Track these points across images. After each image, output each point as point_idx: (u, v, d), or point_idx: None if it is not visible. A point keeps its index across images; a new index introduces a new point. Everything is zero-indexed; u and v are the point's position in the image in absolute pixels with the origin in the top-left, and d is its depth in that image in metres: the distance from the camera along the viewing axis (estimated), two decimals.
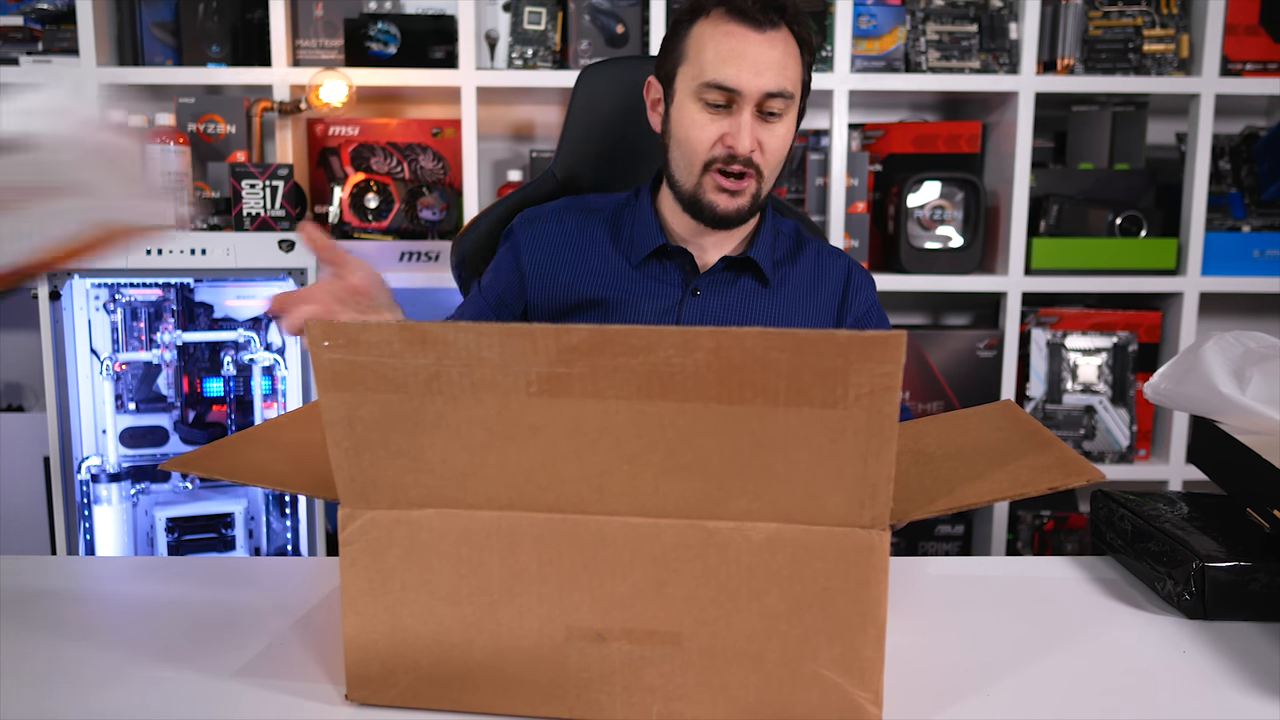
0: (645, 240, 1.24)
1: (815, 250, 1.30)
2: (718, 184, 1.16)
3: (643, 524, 0.64)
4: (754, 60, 1.12)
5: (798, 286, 1.27)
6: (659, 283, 1.24)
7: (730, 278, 1.25)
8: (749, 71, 1.12)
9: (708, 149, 1.16)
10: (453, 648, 0.68)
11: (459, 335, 0.61)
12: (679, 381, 0.60)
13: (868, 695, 0.65)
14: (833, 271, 1.29)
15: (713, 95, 1.14)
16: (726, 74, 1.12)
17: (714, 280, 1.24)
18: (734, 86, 1.12)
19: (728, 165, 1.15)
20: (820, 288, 1.28)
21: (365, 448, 0.65)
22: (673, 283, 1.24)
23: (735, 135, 1.14)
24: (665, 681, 0.66)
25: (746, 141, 1.13)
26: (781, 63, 1.13)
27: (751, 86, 1.12)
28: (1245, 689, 0.73)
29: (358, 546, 0.67)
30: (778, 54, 1.13)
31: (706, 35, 1.15)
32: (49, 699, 0.71)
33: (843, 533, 0.63)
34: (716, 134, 1.15)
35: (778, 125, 1.16)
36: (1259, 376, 0.94)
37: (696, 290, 1.24)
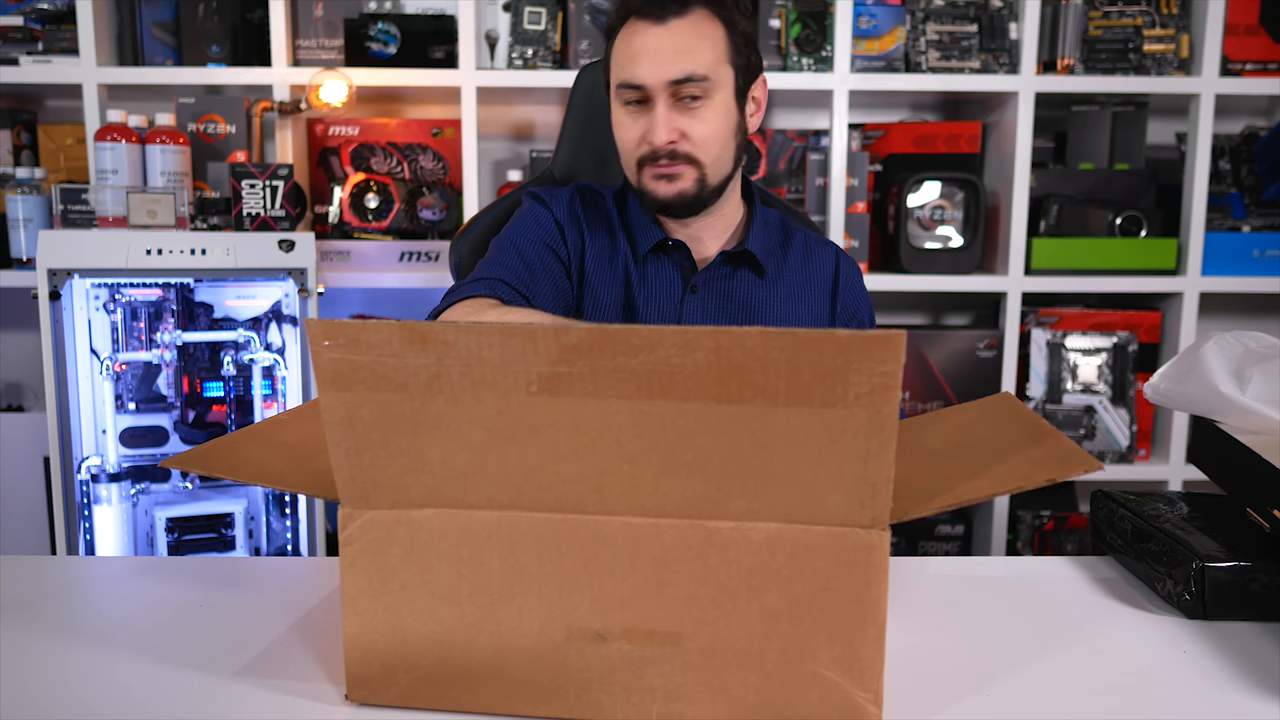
0: (646, 236, 1.25)
1: (804, 240, 1.31)
2: (653, 173, 1.18)
3: (643, 524, 0.64)
4: (654, 52, 1.13)
5: (792, 277, 1.28)
6: (664, 276, 1.25)
7: (728, 272, 1.25)
8: (649, 64, 1.13)
9: (635, 148, 1.18)
10: (453, 648, 0.68)
11: (459, 335, 0.61)
12: (679, 381, 0.60)
13: (868, 695, 0.65)
14: (823, 262, 1.30)
15: (626, 94, 1.16)
16: (630, 71, 1.15)
17: (712, 276, 1.25)
18: (637, 81, 1.14)
19: (654, 160, 1.17)
20: (813, 279, 1.29)
21: (365, 447, 0.65)
22: (675, 277, 1.25)
23: (651, 130, 1.15)
24: (665, 681, 0.66)
25: (660, 134, 1.14)
26: (686, 47, 1.13)
27: (653, 78, 1.14)
28: (1245, 689, 0.73)
29: (358, 546, 0.67)
30: (682, 40, 1.13)
31: (620, 42, 1.18)
32: (49, 699, 0.71)
33: (843, 532, 0.63)
34: (639, 133, 1.17)
35: (702, 110, 1.16)
36: (1259, 376, 0.94)
37: (695, 287, 1.24)
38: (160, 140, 2.07)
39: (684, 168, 1.17)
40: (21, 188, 2.12)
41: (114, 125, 2.06)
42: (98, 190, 2.00)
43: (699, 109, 1.15)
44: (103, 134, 2.05)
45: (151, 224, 1.94)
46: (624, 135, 1.19)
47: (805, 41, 2.23)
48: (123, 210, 1.97)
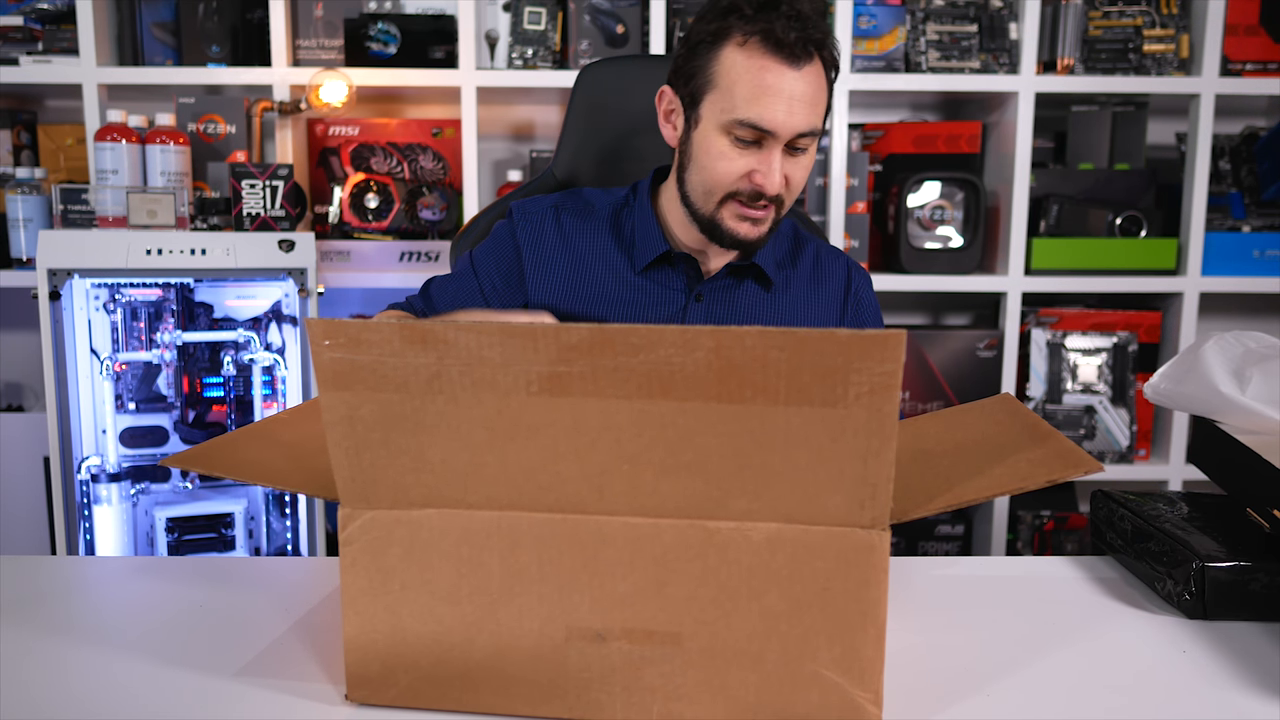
0: (648, 247, 1.22)
1: (814, 251, 1.28)
2: (740, 213, 1.14)
3: (643, 524, 0.64)
4: (789, 99, 1.08)
5: (799, 289, 1.26)
6: (663, 289, 1.23)
7: (733, 283, 1.24)
8: (784, 112, 1.08)
9: (733, 182, 1.13)
10: (453, 648, 0.67)
11: (460, 335, 0.61)
12: (679, 381, 0.60)
13: (868, 695, 0.64)
14: (833, 273, 1.28)
15: (744, 133, 1.10)
16: (761, 115, 1.08)
17: (717, 286, 1.23)
18: (769, 129, 1.08)
19: (752, 200, 1.12)
20: (822, 290, 1.27)
21: (366, 447, 0.65)
22: (676, 289, 1.23)
23: (765, 175, 1.10)
24: (665, 681, 0.66)
25: (776, 181, 1.11)
26: (815, 99, 1.10)
27: (786, 128, 1.09)
28: (1245, 689, 0.73)
29: (358, 546, 0.67)
30: (812, 90, 1.09)
31: (740, 67, 1.09)
32: (49, 699, 0.71)
33: (843, 533, 0.63)
34: (744, 169, 1.12)
35: (803, 158, 1.13)
36: (1259, 376, 0.94)
37: (700, 296, 1.22)
38: (160, 140, 2.07)
39: (770, 210, 1.14)
40: (21, 188, 2.12)
41: (114, 125, 2.06)
42: (98, 190, 2.00)
43: (801, 157, 1.13)
44: (103, 134, 2.05)
45: (151, 224, 1.94)
46: (725, 166, 1.12)
47: None
48: (123, 210, 1.97)
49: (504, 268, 1.25)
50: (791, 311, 1.25)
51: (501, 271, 1.25)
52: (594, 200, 1.28)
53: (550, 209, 1.26)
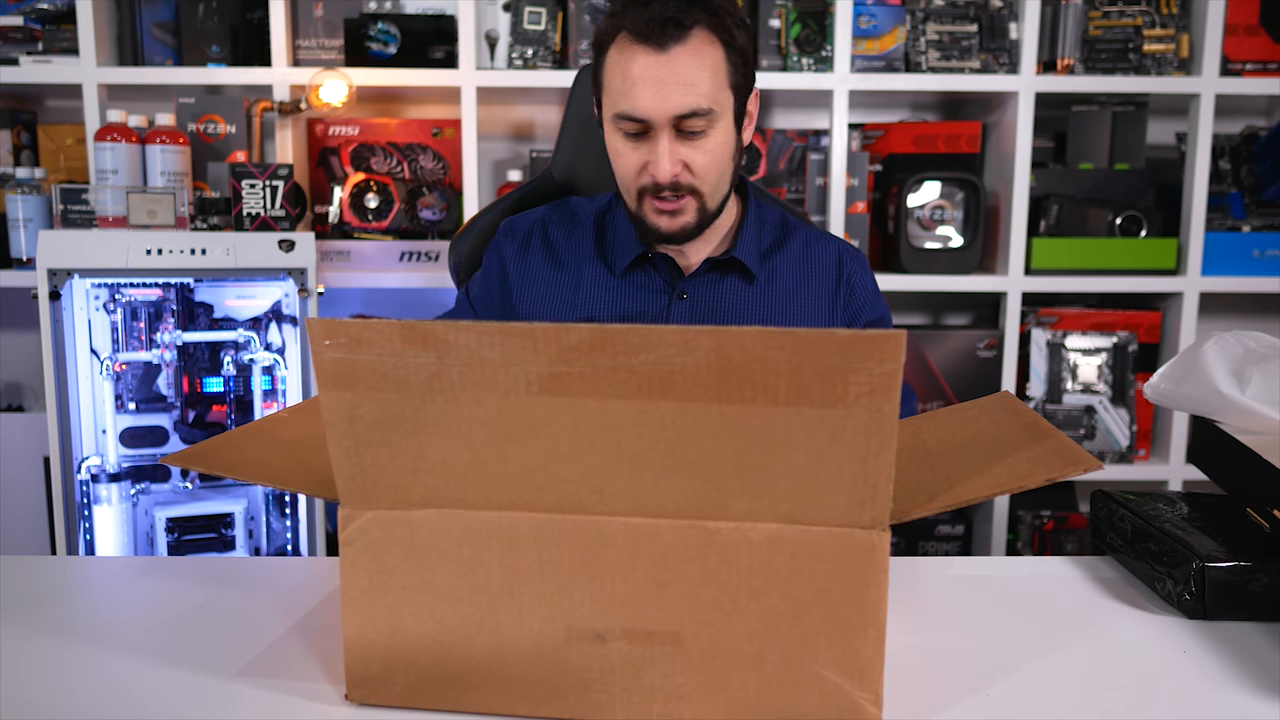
0: (626, 250, 1.22)
1: (803, 239, 1.27)
2: (656, 207, 1.14)
3: (643, 524, 0.64)
4: (656, 84, 1.08)
5: (786, 280, 1.25)
6: (644, 290, 1.23)
7: (716, 278, 1.23)
8: (652, 97, 1.08)
9: (635, 178, 1.14)
10: (452, 648, 0.67)
11: (460, 334, 0.61)
12: (679, 381, 0.60)
13: (868, 696, 0.64)
14: (822, 261, 1.26)
15: (626, 125, 1.11)
16: (631, 104, 1.09)
17: (700, 282, 1.22)
18: (640, 115, 1.09)
19: (657, 192, 1.13)
20: (810, 279, 1.25)
21: (366, 447, 0.65)
22: (657, 289, 1.23)
23: (654, 163, 1.11)
24: (665, 681, 0.66)
25: (666, 168, 1.10)
26: (690, 79, 1.08)
27: (657, 112, 1.09)
28: (1245, 689, 0.73)
29: (358, 546, 0.67)
30: (684, 69, 1.08)
31: (614, 63, 1.11)
32: (49, 699, 0.71)
33: (843, 533, 0.63)
34: (639, 163, 1.13)
35: (704, 141, 1.11)
36: (1259, 376, 0.94)
37: (683, 294, 1.22)
38: (160, 140, 2.07)
39: (686, 200, 1.14)
40: (21, 188, 2.12)
41: (114, 125, 2.06)
42: (98, 190, 2.00)
43: (701, 141, 1.12)
44: (103, 134, 2.05)
45: (151, 224, 1.94)
46: (623, 164, 1.15)
47: (805, 41, 2.23)
48: (123, 210, 1.97)
49: (495, 291, 1.27)
50: (778, 303, 1.24)
51: (492, 295, 1.27)
52: (579, 210, 1.29)
53: (537, 222, 1.28)
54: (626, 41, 1.10)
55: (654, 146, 1.11)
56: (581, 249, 1.25)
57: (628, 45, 1.10)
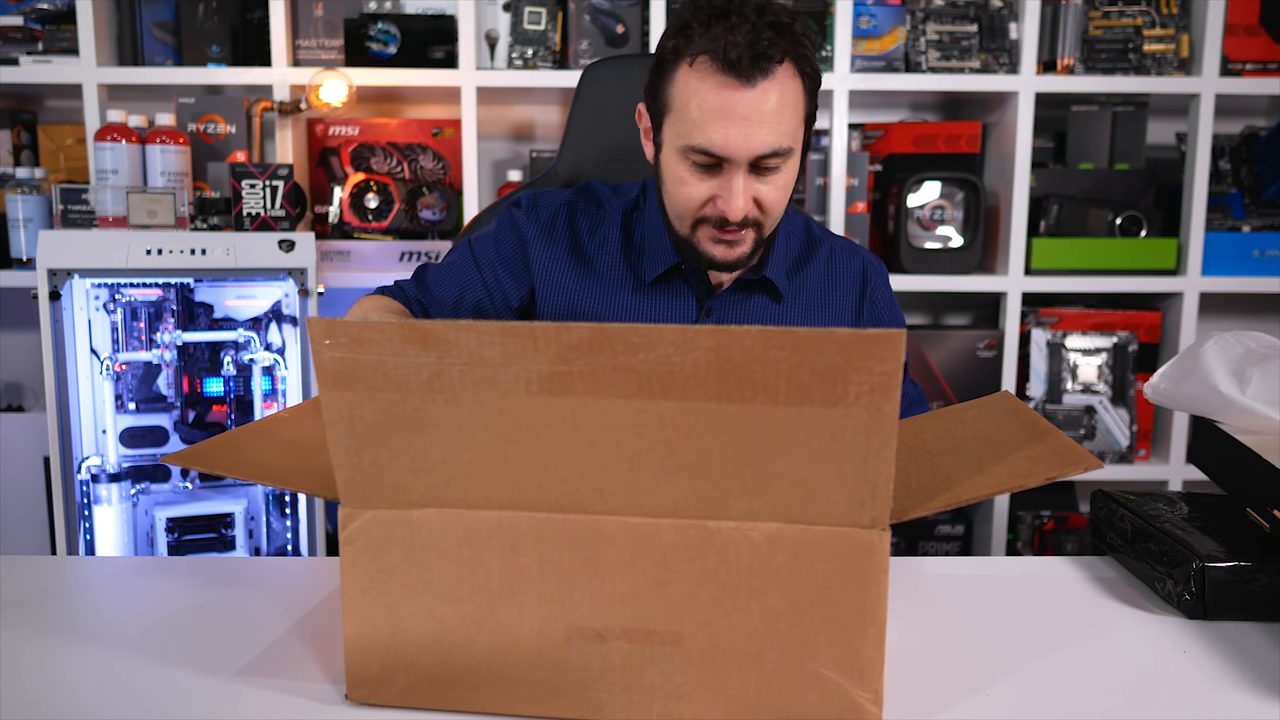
0: (659, 258, 1.17)
1: (828, 251, 1.24)
2: (714, 236, 1.09)
3: (643, 523, 0.64)
4: (743, 121, 1.01)
5: (811, 295, 1.22)
6: (673, 301, 1.19)
7: (743, 296, 1.20)
8: (738, 135, 1.01)
9: (698, 208, 1.08)
10: (453, 647, 0.68)
11: (460, 334, 0.61)
12: (679, 380, 0.60)
13: (868, 695, 0.64)
14: (848, 274, 1.24)
15: (700, 159, 1.04)
16: (714, 141, 1.02)
17: (728, 300, 1.19)
18: (723, 154, 1.03)
19: (720, 225, 1.07)
20: (835, 292, 1.23)
21: (366, 446, 0.65)
22: (686, 302, 1.19)
23: (727, 201, 1.05)
24: (665, 681, 0.66)
25: (739, 206, 1.04)
26: (777, 117, 1.02)
27: (742, 151, 1.02)
28: (1245, 689, 0.73)
29: (358, 546, 0.67)
30: (772, 107, 1.01)
31: (691, 89, 1.03)
32: (49, 699, 0.71)
33: (843, 533, 0.63)
34: (707, 194, 1.06)
35: (776, 177, 1.06)
36: (1259, 376, 0.94)
37: (710, 311, 1.19)
38: (160, 140, 2.07)
39: (748, 232, 1.09)
40: (21, 188, 2.12)
41: (114, 125, 2.06)
42: (98, 190, 2.00)
43: (773, 176, 1.06)
44: (103, 134, 2.05)
45: (151, 224, 1.94)
46: (688, 193, 1.07)
47: None
48: (123, 210, 1.97)
49: (507, 258, 1.21)
50: (802, 320, 1.22)
51: (505, 261, 1.21)
52: (605, 200, 1.23)
53: (563, 206, 1.22)
54: (708, 68, 1.01)
55: (727, 182, 1.05)
56: (608, 248, 1.20)
57: (710, 73, 1.01)
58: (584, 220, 1.22)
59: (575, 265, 1.21)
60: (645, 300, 1.19)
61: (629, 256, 1.20)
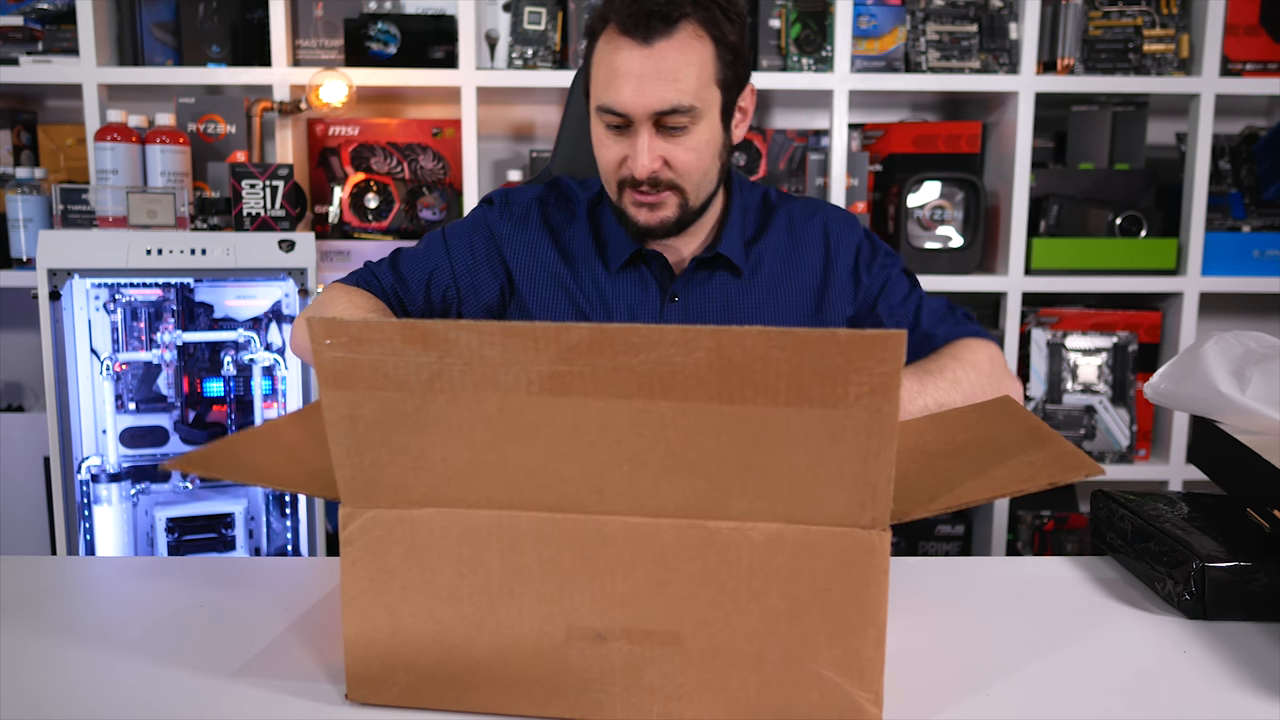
0: (619, 247, 1.21)
1: (786, 218, 1.25)
2: (634, 199, 1.13)
3: (643, 523, 0.64)
4: (638, 78, 1.06)
5: (773, 265, 1.23)
6: (638, 289, 1.22)
7: (705, 276, 1.22)
8: (632, 91, 1.06)
9: (615, 170, 1.13)
10: (453, 647, 0.68)
11: (461, 334, 0.61)
12: (680, 381, 0.60)
13: (868, 695, 0.64)
14: (808, 236, 1.24)
15: (608, 118, 1.10)
16: (612, 98, 1.08)
17: (689, 282, 1.21)
18: (619, 109, 1.08)
19: (636, 186, 1.12)
20: (798, 259, 1.23)
21: (367, 446, 0.65)
22: (650, 289, 1.22)
23: (633, 158, 1.10)
24: (665, 681, 0.66)
25: (644, 163, 1.09)
26: (674, 75, 1.06)
27: (636, 107, 1.07)
28: (1245, 689, 0.73)
29: (358, 546, 0.67)
30: (667, 65, 1.06)
31: (600, 54, 1.10)
32: (49, 699, 0.71)
33: (843, 533, 0.63)
34: (619, 155, 1.12)
35: (686, 138, 1.10)
36: (1259, 376, 0.94)
37: (675, 296, 1.21)
38: (160, 140, 2.07)
39: (666, 195, 1.12)
40: (21, 188, 2.12)
41: (114, 125, 2.06)
42: (98, 190, 2.00)
43: (683, 137, 1.10)
44: (103, 134, 2.05)
45: (151, 224, 1.94)
46: (604, 155, 1.13)
47: (805, 41, 2.23)
48: (123, 210, 1.97)
49: (480, 250, 1.23)
50: (767, 290, 1.22)
51: (476, 253, 1.23)
52: (573, 194, 1.27)
53: (534, 201, 1.26)
54: (613, 33, 1.08)
55: (634, 141, 1.10)
56: (579, 238, 1.24)
57: (614, 37, 1.08)
58: (555, 214, 1.25)
59: (553, 257, 1.23)
60: (611, 289, 1.22)
61: (597, 247, 1.23)
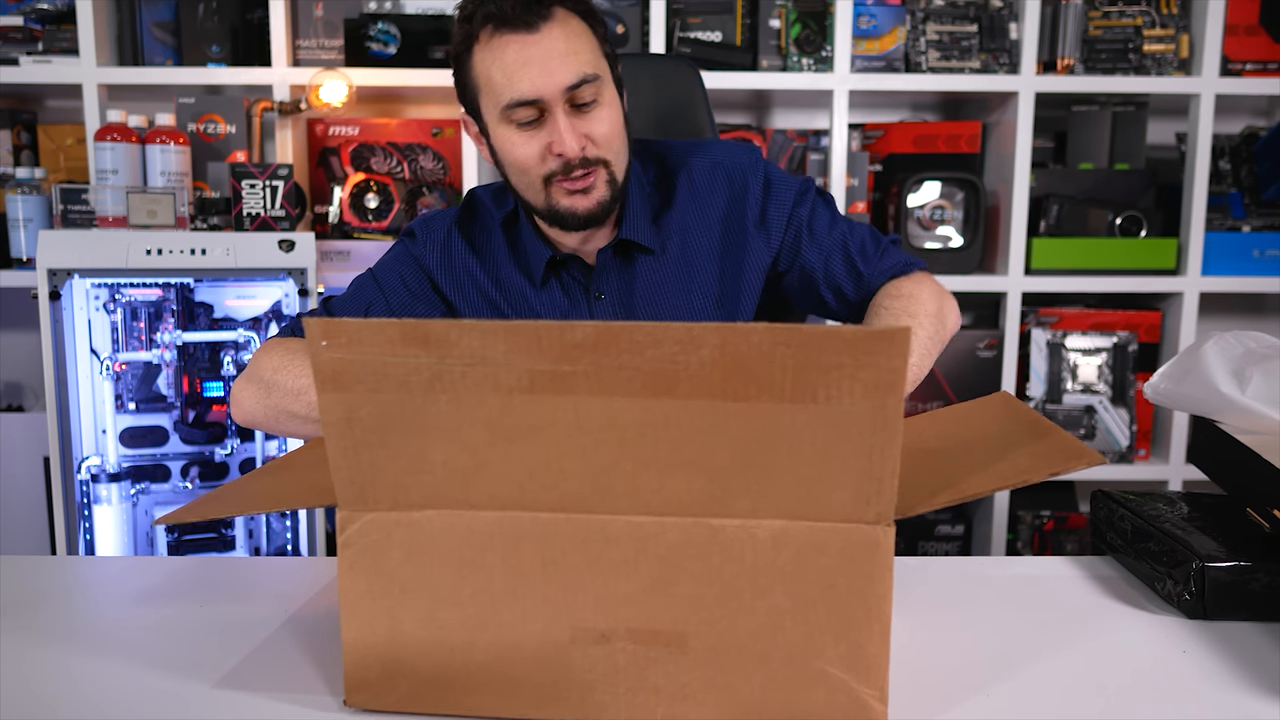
0: (537, 259, 1.19)
1: (686, 180, 1.23)
2: (566, 189, 1.11)
3: (647, 523, 0.64)
4: (542, 61, 1.06)
5: (683, 234, 1.21)
6: (565, 296, 1.21)
7: (621, 263, 1.20)
8: (539, 75, 1.06)
9: (539, 164, 1.10)
10: (454, 651, 0.67)
11: (462, 334, 0.61)
12: (683, 378, 0.60)
13: (873, 693, 0.64)
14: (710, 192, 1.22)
15: (520, 114, 1.08)
16: (521, 88, 1.07)
17: (609, 274, 1.20)
18: (534, 96, 1.07)
19: (568, 173, 1.10)
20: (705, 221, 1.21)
21: (365, 448, 0.65)
22: (576, 292, 1.21)
23: (560, 142, 1.08)
24: (670, 681, 0.66)
25: (572, 144, 1.08)
26: (570, 49, 1.07)
27: (549, 87, 1.06)
28: (1245, 689, 0.73)
29: (356, 549, 0.67)
30: (561, 44, 1.07)
31: (488, 61, 1.09)
32: (48, 700, 0.71)
33: (848, 529, 0.63)
34: (540, 148, 1.10)
35: (598, 110, 1.09)
36: (1259, 376, 0.94)
37: (600, 294, 1.20)
38: (160, 140, 2.07)
39: (596, 174, 1.11)
40: (21, 188, 2.12)
41: (114, 125, 2.06)
42: (98, 190, 2.00)
43: (595, 110, 1.09)
44: (103, 134, 2.05)
45: (151, 224, 1.94)
46: (522, 154, 1.10)
47: (805, 41, 2.23)
48: (123, 210, 1.97)
49: (412, 284, 1.23)
50: (683, 260, 1.21)
51: (410, 287, 1.22)
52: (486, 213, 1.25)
53: (451, 226, 1.24)
54: (493, 35, 1.07)
55: (552, 127, 1.08)
56: (499, 256, 1.22)
57: (496, 38, 1.07)
58: (476, 234, 1.24)
59: (483, 277, 1.22)
60: (540, 302, 1.21)
61: (519, 264, 1.22)
